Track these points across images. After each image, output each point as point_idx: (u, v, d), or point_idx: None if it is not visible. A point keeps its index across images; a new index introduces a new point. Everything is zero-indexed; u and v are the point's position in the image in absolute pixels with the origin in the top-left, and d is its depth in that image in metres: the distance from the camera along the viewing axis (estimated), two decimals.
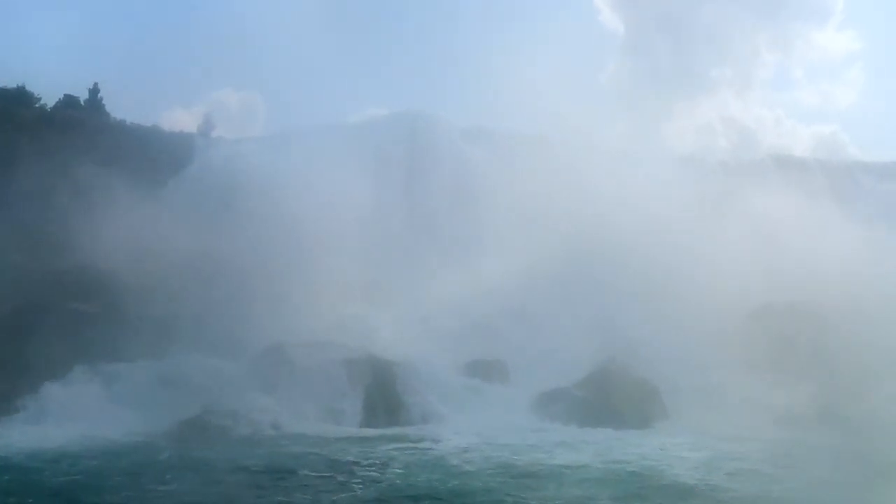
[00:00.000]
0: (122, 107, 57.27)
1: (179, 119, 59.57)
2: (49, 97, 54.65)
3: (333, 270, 44.77)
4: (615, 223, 46.08)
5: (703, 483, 24.40)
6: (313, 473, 24.93)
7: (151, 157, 52.31)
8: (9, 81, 52.61)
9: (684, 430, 36.04)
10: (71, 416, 34.69)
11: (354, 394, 38.32)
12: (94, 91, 56.15)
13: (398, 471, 25.68)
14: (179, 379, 37.88)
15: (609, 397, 38.68)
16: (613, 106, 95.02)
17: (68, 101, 55.76)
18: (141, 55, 63.54)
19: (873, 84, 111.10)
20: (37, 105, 54.36)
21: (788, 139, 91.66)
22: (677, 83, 79.05)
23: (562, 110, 55.46)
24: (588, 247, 45.98)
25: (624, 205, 47.19)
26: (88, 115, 54.42)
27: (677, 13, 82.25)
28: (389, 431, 35.34)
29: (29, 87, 54.21)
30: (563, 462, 26.36)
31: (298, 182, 48.48)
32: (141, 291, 41.61)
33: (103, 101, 56.43)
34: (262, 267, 44.32)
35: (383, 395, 38.63)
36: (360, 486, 23.43)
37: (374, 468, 26.03)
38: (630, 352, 40.88)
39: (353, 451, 29.02)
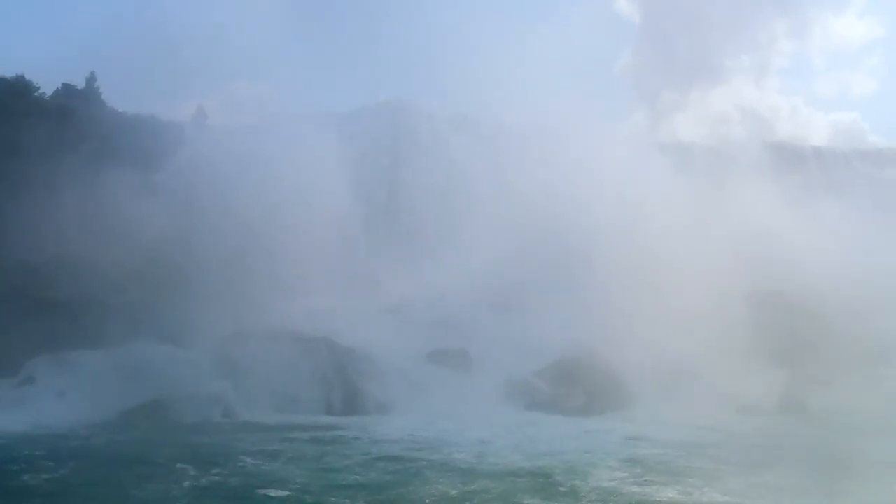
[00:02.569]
0: (129, 98, 55.81)
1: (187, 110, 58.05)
2: (50, 87, 53.75)
3: (309, 260, 43.59)
4: (593, 213, 44.40)
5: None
6: (182, 464, 23.18)
7: (142, 146, 51.19)
8: (7, 71, 51.58)
9: (643, 418, 34.73)
10: (23, 404, 33.78)
11: (312, 382, 37.29)
12: (91, 80, 55.22)
13: (270, 465, 23.77)
14: (137, 367, 37.03)
15: (571, 386, 37.25)
16: (627, 94, 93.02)
17: (66, 91, 54.83)
18: (146, 47, 62.25)
19: (893, 70, 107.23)
20: (35, 94, 53.38)
21: (806, 128, 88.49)
22: (693, 72, 76.53)
23: (568, 99, 53.56)
24: (564, 236, 44.37)
25: (602, 194, 45.36)
26: (83, 104, 53.40)
27: (693, 1, 79.59)
28: (342, 420, 34.18)
29: (29, 77, 53.09)
30: (473, 455, 24.40)
31: (280, 171, 47.41)
32: (110, 280, 40.74)
33: (100, 91, 55.23)
34: (236, 255, 43.20)
35: (342, 383, 37.72)
36: (217, 477, 21.72)
37: (260, 457, 24.39)
38: (598, 340, 39.10)
39: (271, 440, 27.44)
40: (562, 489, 19.58)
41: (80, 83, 55.03)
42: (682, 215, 44.88)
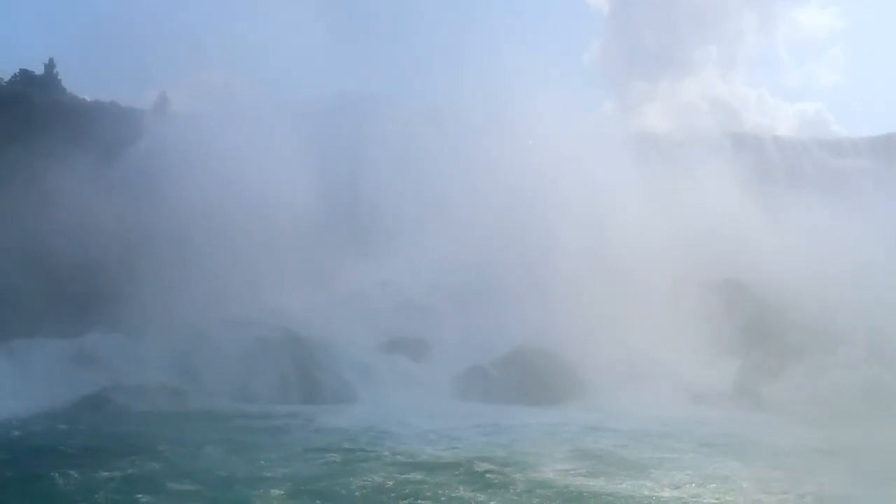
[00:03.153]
0: (92, 85, 54.86)
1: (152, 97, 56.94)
2: (7, 73, 52.81)
3: (268, 251, 43.00)
4: (554, 205, 44.03)
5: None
6: (108, 455, 22.67)
7: (100, 133, 50.37)
8: None
9: (599, 407, 34.51)
10: None
11: (269, 372, 36.84)
12: (50, 66, 54.27)
13: (198, 455, 23.19)
14: (91, 356, 36.92)
15: (525, 375, 36.94)
16: (597, 85, 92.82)
17: (24, 77, 53.89)
18: (111, 32, 61.18)
19: (857, 61, 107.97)
20: None
21: (772, 118, 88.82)
22: (661, 63, 76.50)
23: (535, 91, 52.94)
24: (525, 228, 44.07)
25: (564, 186, 45.03)
26: (41, 90, 52.48)
27: None
28: (297, 409, 33.77)
29: None
30: (418, 446, 24.07)
31: (240, 161, 46.60)
32: (63, 269, 39.91)
33: (59, 77, 54.32)
34: (193, 246, 42.52)
35: (299, 372, 37.31)
36: (133, 469, 21.22)
37: (191, 447, 23.97)
38: (557, 331, 38.82)
39: (213, 429, 27.26)
40: (495, 481, 19.24)
41: (38, 69, 54.03)
42: (641, 206, 44.70)
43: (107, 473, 19.94)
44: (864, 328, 40.72)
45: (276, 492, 18.34)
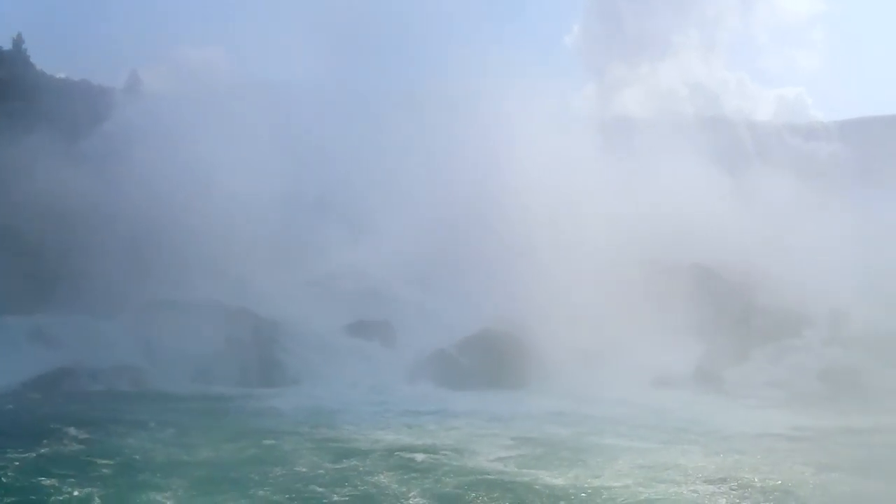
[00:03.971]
0: (65, 62, 53.79)
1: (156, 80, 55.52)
2: None
3: (234, 233, 42.07)
4: (519, 188, 43.14)
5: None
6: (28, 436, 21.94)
7: (68, 110, 49.33)
8: None
9: (559, 391, 33.68)
10: None
11: (229, 353, 35.99)
12: (18, 42, 52.92)
13: (120, 435, 22.34)
14: (49, 335, 36.07)
15: (488, 359, 36.24)
16: (577, 68, 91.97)
17: None
18: (87, 9, 60.08)
19: (837, 46, 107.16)
20: None
21: (752, 102, 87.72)
22: (641, 46, 75.36)
23: (506, 76, 52.08)
24: (491, 212, 43.21)
25: (530, 169, 44.14)
26: (9, 66, 51.24)
27: None
28: (254, 391, 33.09)
29: None
30: (362, 430, 23.27)
31: (209, 142, 45.59)
32: (25, 246, 38.97)
33: (28, 53, 53.06)
34: (159, 226, 41.64)
35: (259, 354, 36.50)
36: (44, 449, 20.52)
37: (114, 427, 23.33)
38: (519, 314, 38.14)
39: (157, 410, 26.54)
40: (424, 467, 18.50)
41: (6, 45, 52.81)
42: (608, 189, 43.98)
43: (20, 454, 19.11)
44: (828, 311, 40.30)
45: (182, 480, 17.50)
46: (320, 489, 16.71)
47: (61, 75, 53.65)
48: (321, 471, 18.10)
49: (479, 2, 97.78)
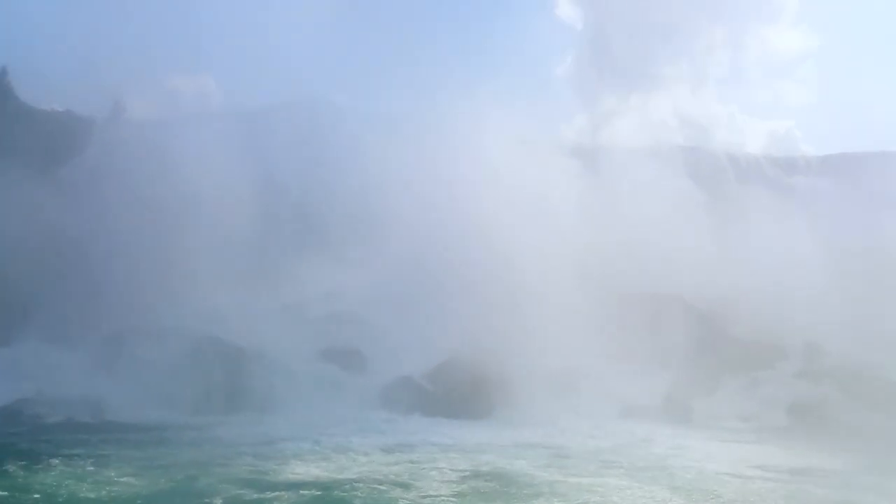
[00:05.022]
0: (53, 93, 53.19)
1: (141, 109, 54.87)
2: None
3: (208, 258, 41.19)
4: (490, 215, 42.32)
5: None
6: None
7: (50, 141, 48.82)
8: None
9: (524, 421, 32.75)
10: None
11: (194, 380, 34.90)
12: (2, 74, 52.44)
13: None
14: (12, 365, 34.98)
15: (454, 387, 35.30)
16: (569, 97, 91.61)
17: None
18: (72, 39, 59.57)
19: (827, 80, 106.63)
20: None
21: (742, 135, 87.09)
22: (632, 77, 74.84)
23: (492, 105, 51.32)
24: (466, 239, 42.28)
25: (507, 198, 43.39)
26: None
27: (633, 9, 77.91)
28: (215, 419, 31.97)
29: None
30: (305, 463, 22.11)
31: (183, 168, 44.79)
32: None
33: (11, 85, 52.50)
34: (132, 253, 40.90)
35: (226, 381, 35.40)
36: None
37: (43, 459, 22.13)
38: (491, 342, 37.16)
39: (92, 442, 25.35)
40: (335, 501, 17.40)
41: None
42: (582, 218, 43.16)
43: None
44: (803, 343, 39.37)
45: None
46: None
47: (45, 107, 52.93)
48: None
49: (472, 32, 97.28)
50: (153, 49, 60.11)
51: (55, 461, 21.23)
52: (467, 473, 21.83)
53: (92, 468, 20.69)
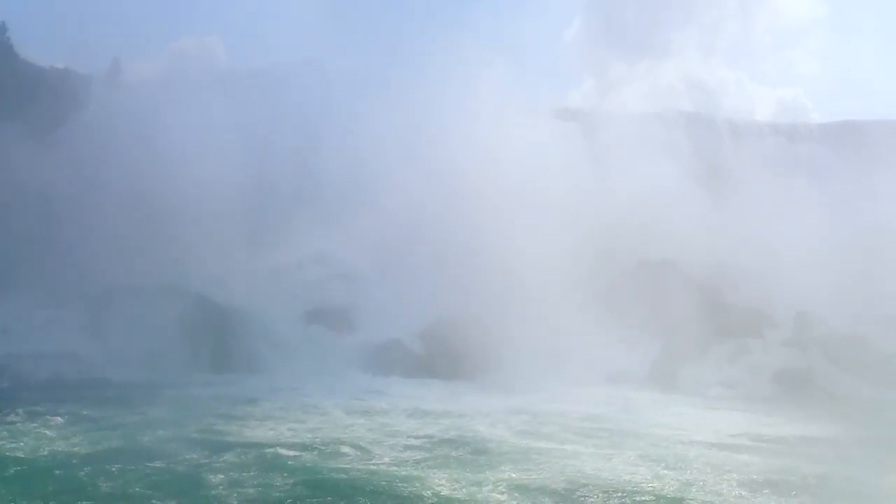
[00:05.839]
0: (55, 51, 52.33)
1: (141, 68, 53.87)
2: None
3: (202, 219, 40.50)
4: (488, 180, 41.34)
5: None
6: None
7: (47, 100, 48.10)
8: None
9: (507, 384, 32.00)
10: None
11: (182, 340, 34.41)
12: (2, 31, 51.57)
13: None
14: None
15: (441, 350, 34.76)
16: (576, 63, 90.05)
17: None
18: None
19: (836, 48, 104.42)
20: None
21: (750, 102, 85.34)
22: (641, 44, 73.18)
23: (490, 70, 49.98)
24: (458, 203, 41.40)
25: (500, 163, 42.35)
26: None
27: None
28: (201, 377, 31.56)
29: None
30: (272, 425, 21.40)
31: (183, 129, 43.98)
32: None
33: (11, 42, 51.67)
34: (125, 211, 40.31)
35: (213, 342, 34.93)
36: None
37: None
38: (479, 306, 36.50)
39: (67, 401, 24.59)
40: (293, 465, 16.64)
41: None
42: (577, 184, 42.14)
43: None
44: (794, 312, 38.50)
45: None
46: (139, 489, 14.84)
47: (44, 64, 52.12)
48: (165, 466, 16.17)
49: None
50: (156, 8, 59.05)
51: (15, 418, 20.64)
52: (437, 439, 21.06)
53: (46, 426, 20.16)
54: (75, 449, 17.67)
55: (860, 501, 16.11)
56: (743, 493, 16.54)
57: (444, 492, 15.09)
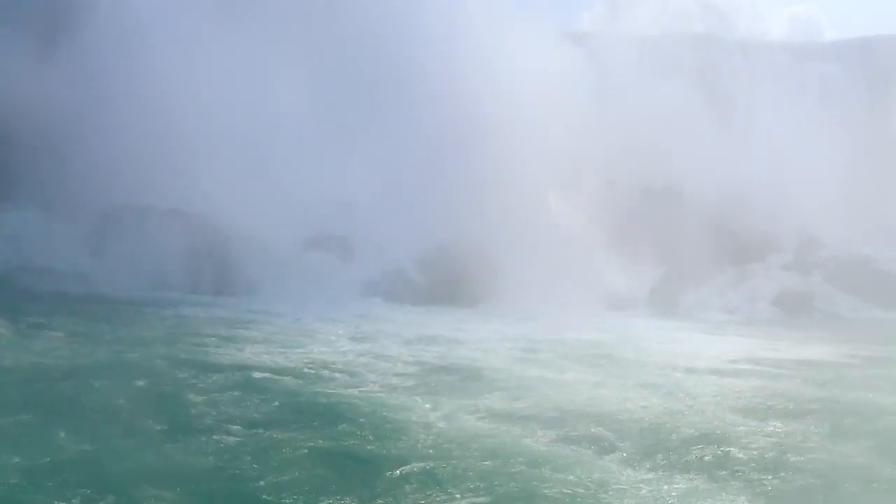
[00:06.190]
0: None
1: None
2: None
3: (206, 139, 39.51)
4: (486, 104, 40.03)
5: None
6: None
7: (56, 11, 46.68)
8: None
9: (505, 311, 31.85)
10: None
11: (185, 262, 34.01)
12: None
13: None
14: (4, 231, 34.13)
15: (442, 276, 34.28)
16: None
17: None
18: None
19: None
20: None
21: (764, 21, 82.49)
22: None
23: None
24: (457, 127, 40.18)
25: (497, 84, 40.86)
26: None
27: None
28: (201, 298, 31.02)
29: None
30: (259, 350, 20.74)
31: (190, 48, 42.63)
32: None
33: None
34: (131, 131, 39.30)
35: (215, 263, 34.57)
36: None
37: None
38: (478, 232, 35.83)
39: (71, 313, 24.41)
40: (277, 388, 15.96)
41: None
42: (582, 109, 40.81)
43: None
44: (799, 236, 37.60)
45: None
46: (117, 404, 14.30)
47: None
48: (148, 384, 15.63)
49: None
50: None
51: (4, 330, 20.24)
52: (430, 366, 20.48)
53: (35, 338, 19.81)
54: (61, 363, 17.23)
55: (861, 425, 15.45)
56: (736, 418, 15.90)
57: (427, 419, 14.54)
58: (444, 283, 33.88)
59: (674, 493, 11.28)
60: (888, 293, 33.09)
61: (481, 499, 10.77)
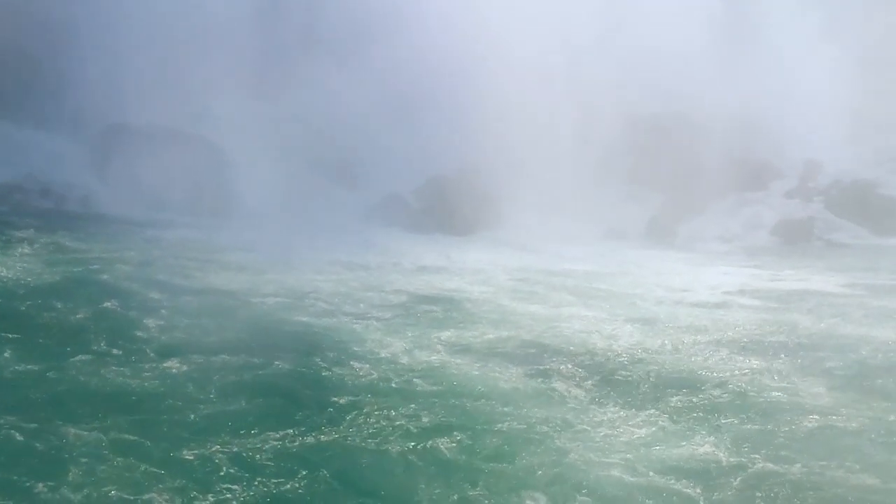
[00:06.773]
0: None
1: None
2: None
3: (208, 59, 38.01)
4: (487, 26, 37.97)
5: None
6: None
7: None
8: None
9: (500, 240, 30.73)
10: None
11: (184, 182, 32.85)
12: None
13: None
14: (4, 144, 33.00)
15: (439, 204, 33.03)
16: None
17: None
18: None
19: None
20: None
21: None
22: None
23: None
24: (460, 54, 38.14)
25: (501, 13, 38.79)
26: None
27: None
28: (198, 221, 30.29)
29: None
30: (249, 276, 19.77)
31: None
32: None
33: None
34: (134, 50, 37.86)
35: (214, 186, 33.27)
36: None
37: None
38: (478, 160, 34.50)
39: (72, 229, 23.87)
40: (246, 313, 15.13)
41: None
42: (585, 35, 38.76)
43: None
44: (802, 162, 35.92)
45: None
46: (74, 323, 13.54)
47: None
48: (113, 305, 14.73)
49: None
50: None
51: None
52: (415, 296, 19.50)
53: (13, 253, 19.14)
54: (29, 279, 16.49)
55: (856, 359, 14.42)
56: (722, 354, 14.91)
57: (393, 350, 13.57)
58: (442, 211, 32.78)
59: (634, 437, 10.26)
60: (890, 219, 31.53)
61: (425, 428, 9.80)
